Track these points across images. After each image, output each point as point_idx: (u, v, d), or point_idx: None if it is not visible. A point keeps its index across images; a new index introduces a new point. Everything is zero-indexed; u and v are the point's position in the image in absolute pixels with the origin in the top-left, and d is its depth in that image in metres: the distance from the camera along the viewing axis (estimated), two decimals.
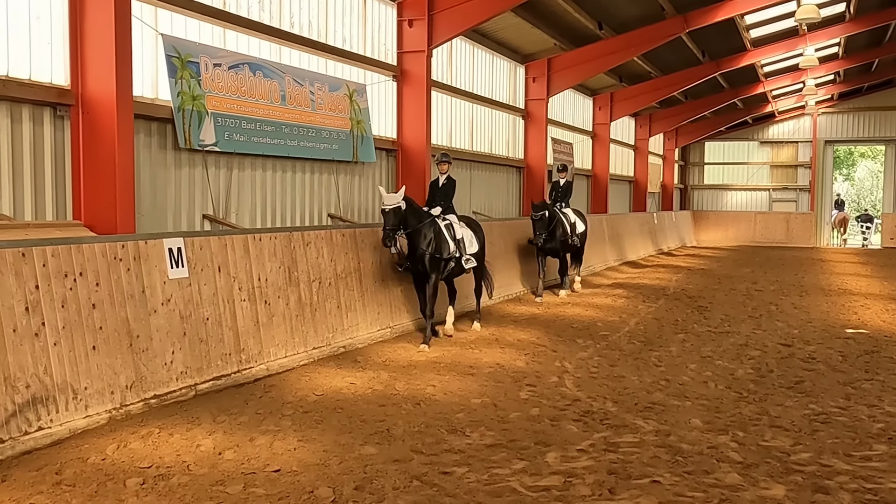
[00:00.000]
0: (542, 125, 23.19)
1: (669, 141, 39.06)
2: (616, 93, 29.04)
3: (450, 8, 15.83)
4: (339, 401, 8.29)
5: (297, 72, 13.07)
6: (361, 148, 14.68)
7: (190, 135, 10.76)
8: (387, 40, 16.04)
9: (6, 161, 8.82)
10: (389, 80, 16.08)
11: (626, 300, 16.80)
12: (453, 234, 11.96)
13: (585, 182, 29.20)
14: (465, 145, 20.02)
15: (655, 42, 22.38)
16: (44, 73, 9.22)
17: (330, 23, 14.33)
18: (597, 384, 9.19)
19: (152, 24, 10.57)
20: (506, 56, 21.84)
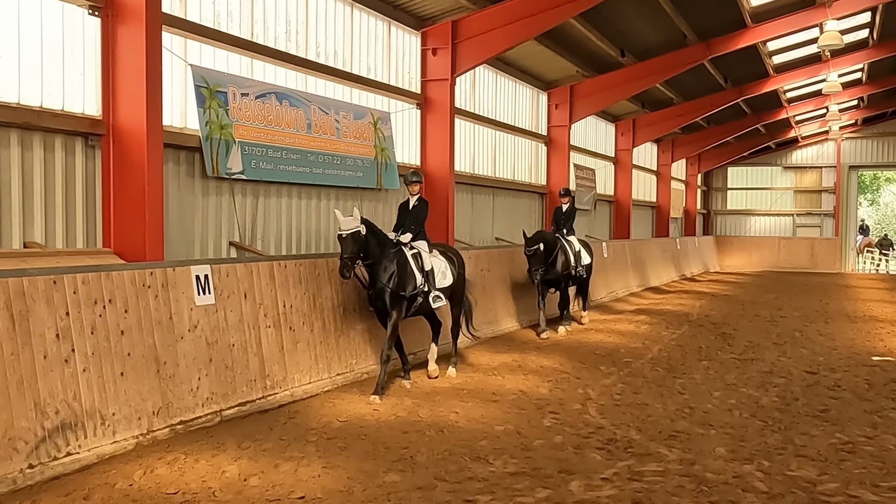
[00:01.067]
0: (564, 151, 23.27)
1: (692, 166, 39.00)
2: (638, 119, 29.10)
3: (473, 37, 15.99)
4: (362, 427, 8.33)
5: (322, 100, 13.25)
6: (385, 175, 14.82)
7: (217, 163, 10.93)
8: (411, 69, 16.22)
9: (39, 190, 9.00)
10: (413, 108, 16.24)
11: (649, 326, 16.74)
12: (421, 266, 10.49)
13: (608, 208, 29.21)
14: (488, 172, 20.13)
15: (678, 69, 22.48)
16: (76, 104, 9.43)
17: (355, 52, 14.53)
18: (620, 412, 9.18)
19: (182, 54, 10.78)
20: (528, 83, 21.98)
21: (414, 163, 16.40)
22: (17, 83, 8.86)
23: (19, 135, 8.82)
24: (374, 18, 15.06)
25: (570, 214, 16.34)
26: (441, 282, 10.75)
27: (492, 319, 14.82)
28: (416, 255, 10.53)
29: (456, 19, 16.11)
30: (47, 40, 9.16)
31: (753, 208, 41.98)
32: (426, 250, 10.76)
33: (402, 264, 10.16)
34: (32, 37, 9.02)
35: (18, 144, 8.81)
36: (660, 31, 20.81)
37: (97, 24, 9.50)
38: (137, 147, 9.36)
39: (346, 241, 9.46)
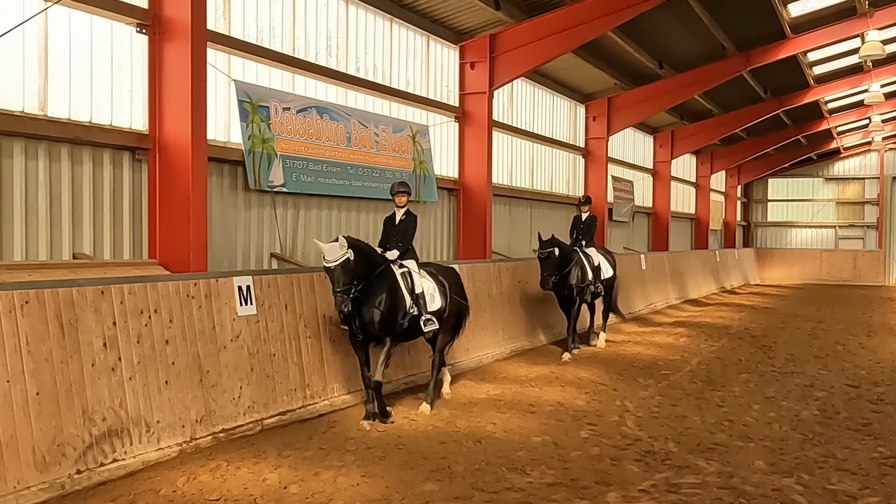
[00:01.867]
0: (602, 163, 23.27)
1: (732, 178, 38.71)
2: (677, 130, 28.99)
3: (511, 50, 16.10)
4: (400, 437, 8.41)
5: (362, 114, 13.44)
6: (424, 188, 14.96)
7: (260, 176, 11.14)
8: (449, 82, 16.37)
9: (88, 202, 9.26)
10: (451, 121, 16.38)
11: (687, 339, 16.66)
12: (411, 287, 9.45)
13: (646, 219, 29.10)
14: (525, 184, 20.20)
15: (716, 80, 22.40)
16: (124, 119, 9.70)
17: (394, 66, 14.71)
18: (658, 424, 9.17)
19: (225, 70, 11.02)
20: (566, 95, 22.03)
21: (452, 175, 16.53)
22: (68, 99, 9.15)
23: (70, 149, 9.10)
24: (413, 33, 15.24)
25: (590, 224, 15.02)
26: (430, 305, 9.62)
27: (529, 331, 14.84)
28: (406, 275, 9.49)
29: (494, 33, 16.24)
30: (97, 57, 9.44)
31: (794, 220, 41.54)
32: (416, 269, 9.70)
33: (393, 285, 9.14)
34: (83, 54, 9.31)
35: (69, 158, 9.09)
36: (698, 42, 20.75)
37: (145, 41, 9.77)
38: (182, 161, 9.59)
39: (335, 273, 8.37)
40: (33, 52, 8.83)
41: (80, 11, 9.20)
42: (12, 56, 8.59)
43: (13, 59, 8.61)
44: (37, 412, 6.54)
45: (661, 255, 25.43)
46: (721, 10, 18.60)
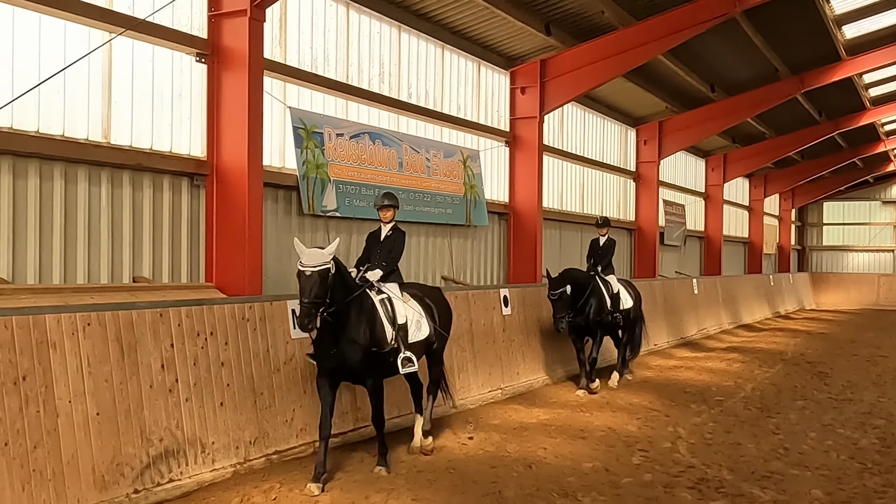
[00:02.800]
0: (653, 187, 23.16)
1: (786, 201, 38.19)
2: (729, 153, 28.74)
3: (562, 75, 16.18)
4: (451, 461, 8.43)
5: (414, 139, 13.60)
6: (474, 212, 15.05)
7: (314, 201, 11.33)
8: (500, 107, 16.48)
9: (148, 227, 9.52)
10: (502, 146, 16.47)
11: (741, 364, 16.43)
12: (392, 315, 8.16)
13: (698, 244, 28.83)
14: (576, 208, 20.18)
15: (769, 103, 22.21)
16: (183, 146, 9.97)
17: (446, 92, 14.87)
18: (712, 451, 9.08)
19: (281, 97, 11.26)
20: (617, 119, 22.01)
21: (502, 199, 16.59)
22: (130, 127, 9.44)
23: (131, 175, 9.38)
24: (464, 59, 15.40)
25: (608, 249, 13.66)
26: (415, 334, 8.42)
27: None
28: (386, 302, 8.21)
29: (544, 58, 16.33)
30: (158, 86, 9.72)
31: (851, 244, 40.79)
32: (398, 295, 8.44)
33: (371, 313, 7.93)
34: (144, 83, 9.60)
35: (130, 184, 9.36)
36: (750, 65, 20.61)
37: (203, 70, 10.05)
38: (239, 186, 9.81)
39: (310, 281, 7.20)
40: (97, 81, 9.14)
41: (142, 42, 9.50)
42: (77, 86, 8.90)
43: (78, 89, 8.92)
44: (97, 432, 6.70)
45: (713, 279, 25.15)
46: (774, 32, 18.48)
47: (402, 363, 8.11)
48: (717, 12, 15.72)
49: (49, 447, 6.34)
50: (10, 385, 6.17)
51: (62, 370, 6.55)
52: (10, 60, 8.35)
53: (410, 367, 8.22)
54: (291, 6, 11.48)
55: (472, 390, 11.49)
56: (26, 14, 8.44)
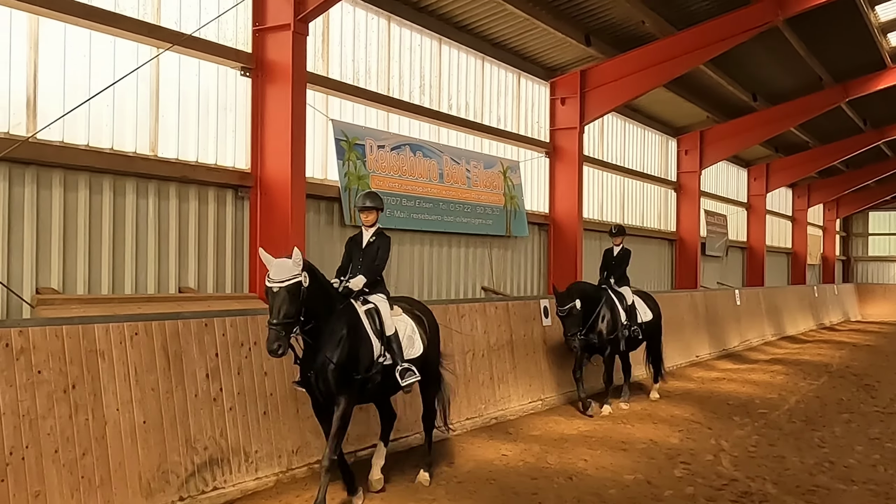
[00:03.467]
0: (694, 197, 23.00)
1: (830, 211, 37.66)
2: (772, 163, 28.45)
3: (602, 86, 16.17)
4: (491, 472, 8.43)
5: (454, 151, 13.68)
6: (514, 223, 15.07)
7: (355, 212, 11.43)
8: (540, 118, 16.51)
9: (193, 238, 9.69)
10: (542, 157, 16.49)
11: (785, 377, 16.22)
12: (380, 328, 7.35)
13: (741, 254, 28.54)
14: (616, 218, 20.11)
15: (813, 112, 21.96)
16: (228, 158, 10.15)
17: (486, 103, 14.93)
18: (755, 464, 8.98)
19: (323, 110, 11.41)
20: (657, 129, 21.91)
21: (542, 210, 16.60)
22: (177, 140, 9.64)
23: (177, 188, 9.56)
24: (504, 70, 15.46)
25: (622, 259, 12.72)
26: (409, 351, 7.57)
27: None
28: (372, 314, 7.40)
29: (584, 69, 16.34)
30: (203, 100, 9.91)
31: None
32: (386, 306, 7.56)
33: (354, 327, 7.05)
34: (190, 97, 9.79)
35: (176, 196, 9.55)
36: (793, 74, 20.42)
37: (248, 83, 10.23)
38: (282, 198, 9.95)
39: (278, 298, 6.37)
40: (145, 95, 9.34)
41: (188, 57, 9.70)
42: (126, 100, 9.11)
43: (127, 103, 9.13)
44: (143, 440, 6.81)
45: (756, 290, 24.86)
46: (817, 41, 18.30)
47: (403, 374, 7.31)
48: (759, 21, 15.62)
49: (97, 454, 6.45)
50: (60, 393, 6.30)
51: (110, 379, 6.67)
52: (61, 76, 8.57)
53: (411, 378, 7.44)
54: (334, 20, 11.64)
55: (512, 401, 11.48)
56: (77, 31, 8.68)
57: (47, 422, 6.18)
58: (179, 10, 9.68)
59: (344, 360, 6.82)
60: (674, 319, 17.48)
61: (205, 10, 9.87)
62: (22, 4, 8.12)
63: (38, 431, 6.11)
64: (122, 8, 9.07)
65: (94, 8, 8.71)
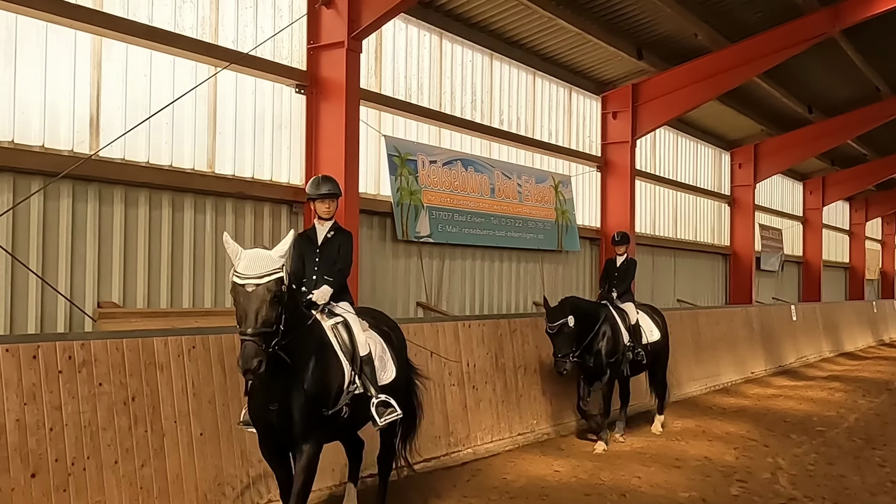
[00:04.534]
0: (748, 211, 22.71)
1: (889, 225, 36.86)
2: (828, 176, 27.97)
3: (654, 99, 16.10)
4: (543, 488, 8.40)
5: (505, 165, 13.71)
6: (566, 237, 15.04)
7: (407, 227, 11.53)
8: (591, 132, 16.47)
9: None
10: (594, 171, 16.43)
11: (843, 394, 15.89)
12: (350, 346, 5.95)
13: (796, 269, 28.07)
14: (668, 233, 19.94)
15: (871, 124, 21.57)
16: (283, 174, 10.31)
17: (537, 118, 14.96)
18: (814, 483, 8.81)
19: (376, 126, 11.53)
20: (710, 143, 21.71)
21: (594, 224, 16.54)
22: (233, 157, 9.82)
23: (234, 203, 9.75)
24: (555, 85, 15.47)
25: (626, 271, 11.26)
26: (381, 375, 6.21)
27: (673, 383, 14.54)
28: (340, 329, 5.99)
29: (636, 82, 16.28)
30: (259, 117, 10.09)
31: None
32: (355, 318, 6.19)
33: (322, 348, 5.71)
34: (247, 114, 9.98)
35: (233, 212, 9.73)
36: (850, 85, 20.10)
37: (302, 100, 10.39)
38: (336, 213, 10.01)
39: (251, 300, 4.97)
40: (203, 113, 9.55)
41: (245, 75, 9.89)
42: (185, 118, 9.32)
43: (185, 121, 9.34)
44: (200, 452, 6.92)
45: (812, 305, 24.41)
46: (874, 51, 18.00)
47: (378, 410, 5.96)
48: (814, 32, 15.42)
49: (155, 466, 6.58)
50: (120, 405, 6.44)
51: (168, 391, 6.80)
52: (122, 95, 8.80)
53: (393, 415, 6.07)
54: (386, 37, 11.77)
55: (565, 416, 11.43)
56: (139, 51, 8.90)
57: (108, 433, 6.32)
58: (236, 30, 9.89)
59: (313, 391, 5.46)
60: (728, 335, 17.25)
61: (261, 30, 10.07)
62: (87, 26, 8.37)
63: (98, 442, 6.25)
64: (182, 28, 9.30)
65: (156, 29, 8.94)
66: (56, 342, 6.22)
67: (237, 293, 5.04)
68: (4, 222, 7.77)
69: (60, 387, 6.12)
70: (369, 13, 10.11)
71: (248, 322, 4.93)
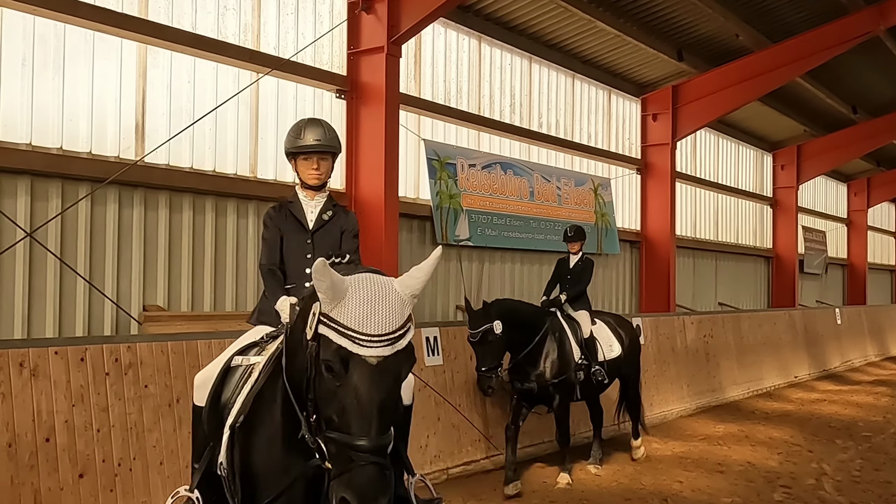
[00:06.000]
0: (791, 213, 22.42)
1: None
2: (873, 177, 27.53)
3: (694, 101, 15.97)
4: (584, 492, 8.38)
5: (544, 168, 13.70)
6: (606, 240, 14.97)
7: (446, 230, 11.56)
8: (631, 135, 16.39)
9: None
10: (633, 173, 16.34)
11: (890, 398, 15.62)
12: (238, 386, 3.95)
13: (840, 272, 27.65)
14: (710, 235, 19.76)
15: None
16: None
17: (576, 121, 14.92)
18: (860, 489, 8.68)
19: (416, 130, 11.58)
20: (752, 144, 21.48)
21: (634, 227, 16.45)
22: (275, 161, 9.93)
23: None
24: (594, 87, 15.42)
25: (582, 272, 9.36)
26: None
27: (716, 387, 14.41)
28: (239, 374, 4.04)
29: (676, 84, 16.16)
30: None
31: None
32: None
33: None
34: (288, 119, 10.05)
35: None
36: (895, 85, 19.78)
37: (343, 105, 10.47)
38: (376, 217, 10.12)
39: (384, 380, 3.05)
40: (245, 119, 9.67)
41: (286, 81, 10.00)
42: (227, 123, 9.44)
43: (228, 127, 9.47)
44: None
45: (858, 308, 24.01)
46: None
47: None
48: (858, 31, 15.20)
49: None
50: (165, 407, 6.55)
51: None
52: (167, 101, 8.94)
53: None
54: (425, 41, 11.82)
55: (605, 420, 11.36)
56: (183, 58, 9.04)
57: (153, 435, 6.43)
58: (278, 36, 10.00)
59: None
60: (771, 339, 17.05)
61: (302, 36, 10.17)
62: (133, 34, 8.53)
63: (144, 444, 6.36)
64: (225, 35, 9.42)
65: (200, 36, 9.08)
66: (103, 345, 6.35)
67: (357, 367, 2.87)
68: (53, 227, 7.93)
69: (107, 389, 6.25)
70: (408, 18, 10.17)
71: None
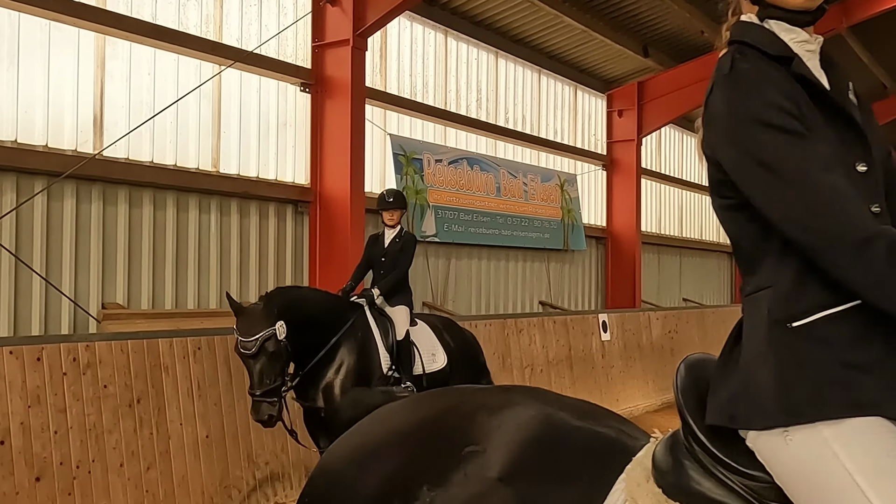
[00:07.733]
0: None
1: None
2: None
3: (660, 97, 15.98)
4: None
5: (511, 164, 13.62)
6: (572, 236, 14.94)
7: (413, 227, 11.43)
8: (596, 131, 16.38)
9: (254, 253, 9.78)
10: (599, 170, 16.34)
11: None
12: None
13: None
14: (674, 231, 19.83)
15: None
16: (287, 174, 10.22)
17: (542, 116, 14.86)
18: None
19: (381, 125, 11.45)
20: None
21: (600, 224, 16.45)
22: (238, 156, 9.73)
23: (239, 203, 9.65)
24: (560, 83, 15.37)
25: (399, 253, 7.10)
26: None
27: None
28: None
29: (642, 80, 16.17)
30: (263, 116, 10.01)
31: None
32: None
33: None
34: (251, 113, 9.90)
35: (238, 212, 9.64)
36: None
37: (307, 99, 10.29)
38: (342, 212, 9.98)
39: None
40: (207, 112, 9.46)
41: (249, 73, 9.80)
42: (189, 117, 9.23)
43: (190, 120, 9.25)
44: (206, 454, 6.84)
45: None
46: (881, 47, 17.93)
47: None
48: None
49: (161, 468, 6.50)
50: (125, 408, 6.36)
51: (174, 393, 6.72)
52: (126, 93, 8.72)
53: None
54: (391, 35, 11.68)
55: None
56: (142, 49, 8.82)
57: (113, 436, 6.24)
58: (241, 28, 9.80)
59: None
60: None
61: (265, 28, 9.98)
62: (90, 24, 8.28)
63: (103, 445, 6.17)
64: (186, 26, 9.21)
65: (161, 27, 8.84)
66: (60, 344, 6.14)
67: None
68: (8, 223, 7.68)
69: (65, 389, 6.05)
70: (374, 11, 10.02)
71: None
